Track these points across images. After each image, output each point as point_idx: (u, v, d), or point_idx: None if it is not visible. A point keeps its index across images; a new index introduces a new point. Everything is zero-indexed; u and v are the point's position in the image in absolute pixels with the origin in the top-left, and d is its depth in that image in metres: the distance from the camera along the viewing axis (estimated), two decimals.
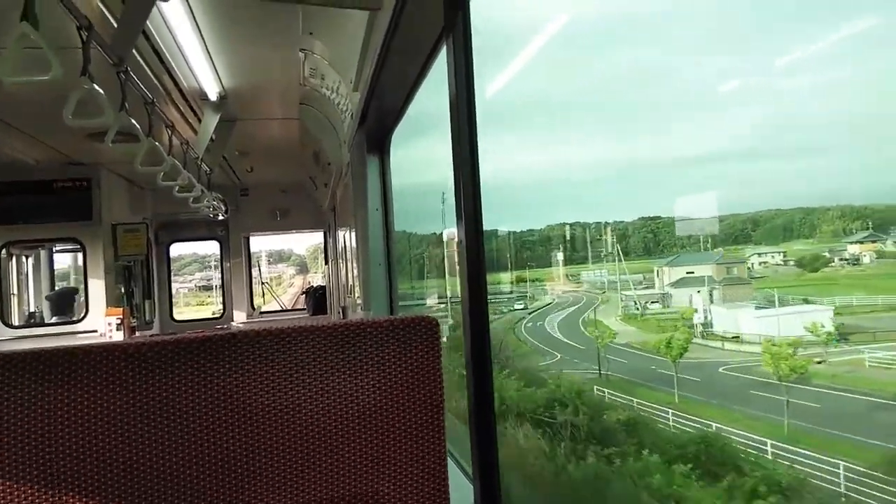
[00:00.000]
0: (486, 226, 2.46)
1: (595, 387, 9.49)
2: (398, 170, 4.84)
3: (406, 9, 2.44)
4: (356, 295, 6.15)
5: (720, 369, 8.60)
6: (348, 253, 7.08)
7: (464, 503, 2.36)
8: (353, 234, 5.75)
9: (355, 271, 6.02)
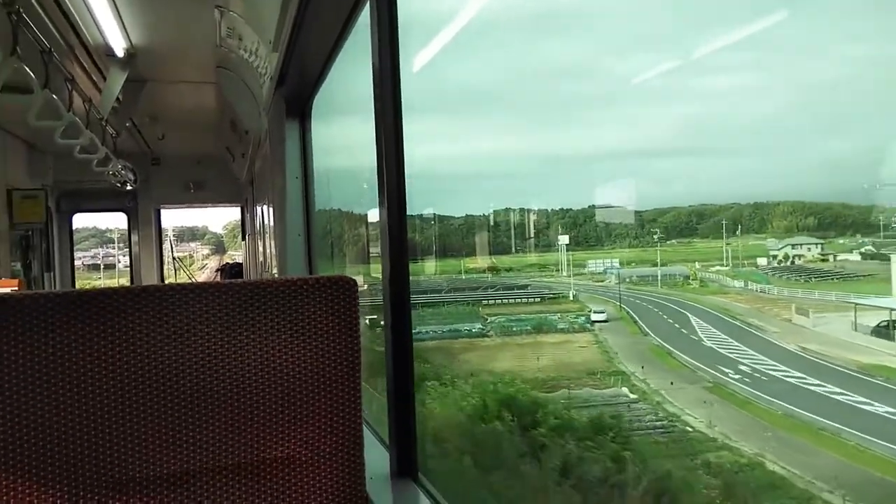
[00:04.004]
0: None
1: None
2: (351, 147, 4.63)
3: None
4: (273, 270, 5.96)
5: None
6: (267, 228, 6.86)
7: (380, 471, 2.30)
8: (271, 206, 5.55)
9: (273, 247, 5.83)
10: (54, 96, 3.89)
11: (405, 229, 2.39)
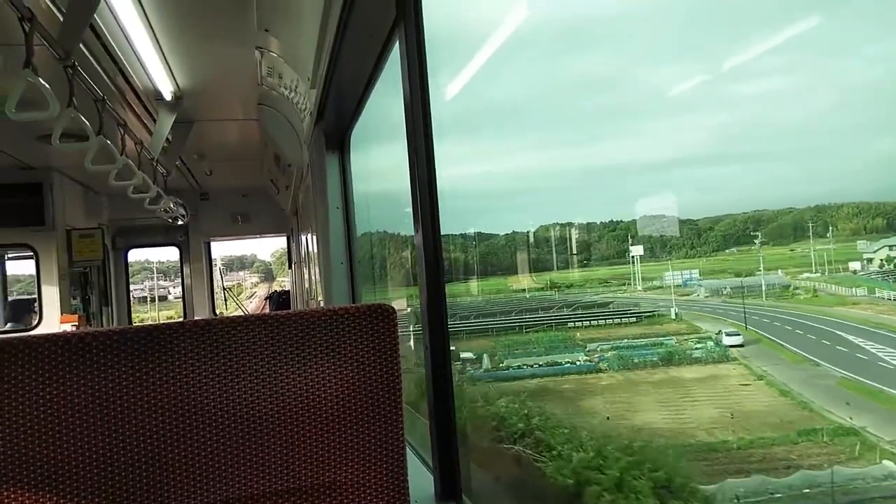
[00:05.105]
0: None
1: None
2: (389, 171, 4.76)
3: None
4: (318, 296, 6.09)
5: None
6: (311, 256, 7.02)
7: (424, 493, 2.34)
8: (315, 235, 5.69)
9: (318, 274, 5.96)
10: (108, 141, 4.10)
11: (440, 251, 2.43)
